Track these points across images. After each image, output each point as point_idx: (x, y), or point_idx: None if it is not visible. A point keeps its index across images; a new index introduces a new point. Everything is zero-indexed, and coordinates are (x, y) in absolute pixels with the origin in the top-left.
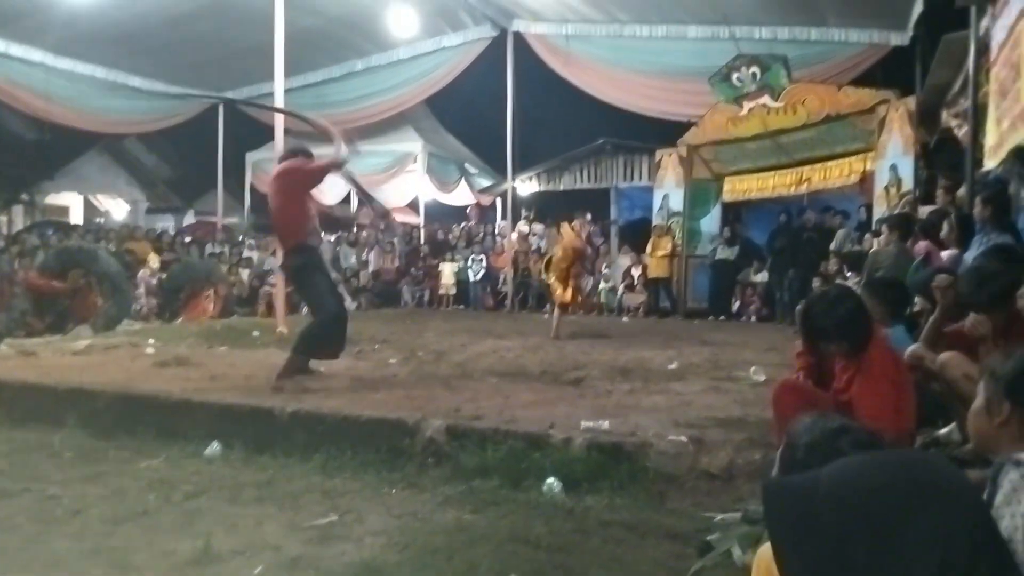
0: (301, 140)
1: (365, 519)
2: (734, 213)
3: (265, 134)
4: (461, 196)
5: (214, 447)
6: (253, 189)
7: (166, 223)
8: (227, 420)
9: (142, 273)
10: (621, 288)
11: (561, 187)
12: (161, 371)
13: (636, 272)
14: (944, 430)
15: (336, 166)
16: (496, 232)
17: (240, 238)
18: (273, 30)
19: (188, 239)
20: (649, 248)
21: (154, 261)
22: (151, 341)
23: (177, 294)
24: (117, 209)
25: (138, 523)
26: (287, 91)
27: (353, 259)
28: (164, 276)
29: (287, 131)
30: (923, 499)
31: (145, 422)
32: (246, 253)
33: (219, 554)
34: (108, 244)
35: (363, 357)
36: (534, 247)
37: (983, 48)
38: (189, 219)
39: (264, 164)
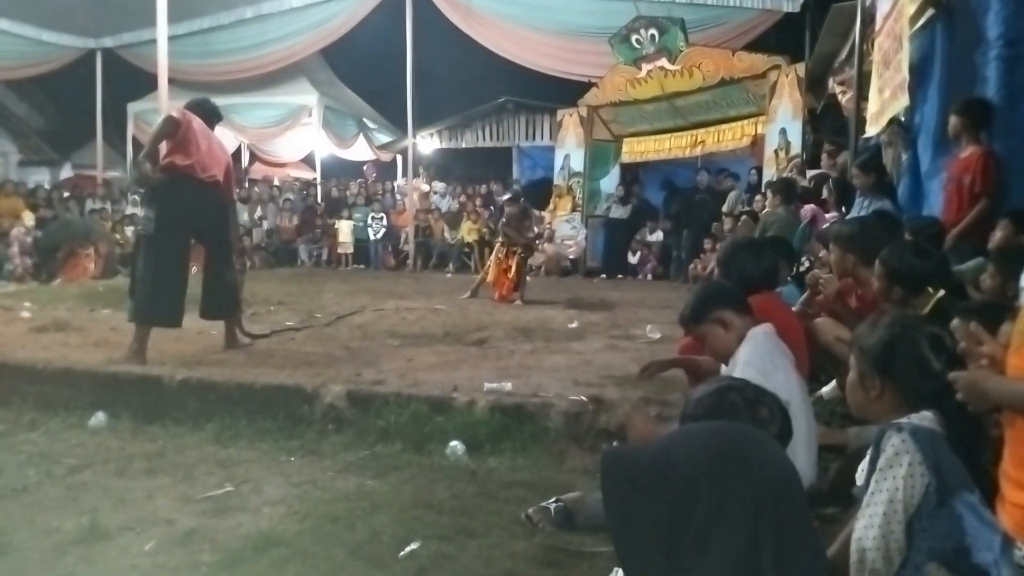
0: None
1: (262, 489)
2: (632, 174)
3: (147, 84)
4: (360, 152)
5: (99, 418)
6: (136, 141)
7: (41, 177)
8: (112, 389)
9: (15, 231)
10: None
11: (463, 145)
12: (39, 337)
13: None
14: (826, 388)
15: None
16: (396, 190)
17: (123, 193)
18: None
19: (66, 194)
20: (550, 208)
21: (28, 218)
22: (27, 304)
23: (54, 253)
24: None
25: (18, 500)
26: (171, 38)
27: (245, 216)
28: (40, 234)
29: (171, 81)
30: (722, 467)
31: (22, 393)
32: (129, 209)
33: (107, 530)
34: None
35: (258, 320)
36: (435, 206)
37: (869, 19)
38: (67, 173)
39: (147, 115)
